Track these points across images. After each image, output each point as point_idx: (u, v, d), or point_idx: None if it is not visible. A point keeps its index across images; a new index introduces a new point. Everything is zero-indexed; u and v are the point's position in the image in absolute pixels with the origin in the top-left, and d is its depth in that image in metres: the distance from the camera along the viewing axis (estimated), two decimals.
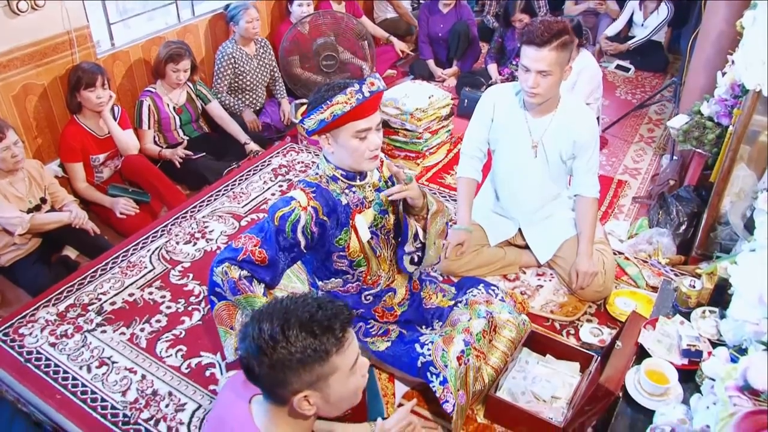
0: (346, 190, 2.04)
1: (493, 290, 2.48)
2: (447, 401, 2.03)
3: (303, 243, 1.98)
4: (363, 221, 2.07)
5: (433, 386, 2.05)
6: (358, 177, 2.05)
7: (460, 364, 2.07)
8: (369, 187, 2.10)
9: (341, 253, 2.08)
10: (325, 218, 1.98)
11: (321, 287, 2.20)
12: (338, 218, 2.02)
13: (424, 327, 2.32)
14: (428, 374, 2.07)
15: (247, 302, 1.97)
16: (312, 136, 1.96)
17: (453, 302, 2.40)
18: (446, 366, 2.05)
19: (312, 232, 1.97)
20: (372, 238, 2.11)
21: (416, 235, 2.15)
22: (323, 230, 2.00)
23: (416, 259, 2.20)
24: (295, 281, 2.75)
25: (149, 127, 3.72)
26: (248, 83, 4.27)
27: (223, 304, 2.04)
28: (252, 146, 3.96)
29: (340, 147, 1.95)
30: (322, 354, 1.32)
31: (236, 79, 4.22)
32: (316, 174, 2.05)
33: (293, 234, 1.94)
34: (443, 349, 2.09)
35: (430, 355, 2.09)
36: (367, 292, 2.21)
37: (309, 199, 1.95)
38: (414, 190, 2.01)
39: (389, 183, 2.19)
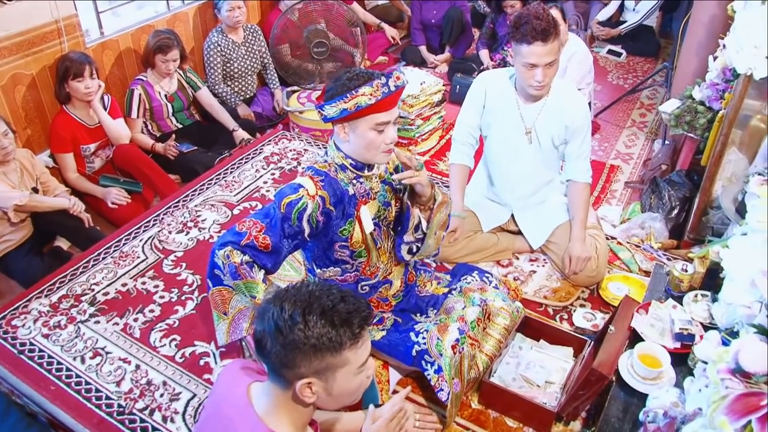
0: (354, 180, 2.03)
1: (487, 278, 2.49)
2: (442, 390, 2.04)
3: (307, 231, 1.97)
4: (367, 213, 2.07)
5: (428, 375, 2.06)
6: (366, 168, 2.04)
7: (454, 353, 2.08)
8: (376, 178, 2.09)
9: (343, 243, 2.08)
10: (331, 208, 1.97)
11: (319, 275, 2.19)
12: (344, 208, 2.02)
13: (418, 315, 2.32)
14: (423, 363, 2.08)
15: (247, 288, 1.96)
16: (328, 123, 1.95)
17: (447, 290, 2.40)
18: (441, 355, 2.06)
19: (317, 221, 1.96)
20: (374, 229, 2.11)
21: (417, 226, 2.14)
22: (328, 219, 2.00)
23: (414, 249, 2.20)
24: (288, 269, 2.75)
25: (138, 116, 3.69)
26: (236, 71, 4.24)
27: (217, 290, 2.03)
28: (240, 133, 3.94)
29: (356, 137, 1.93)
30: (336, 345, 1.33)
31: (224, 67, 4.20)
32: (325, 161, 2.03)
33: (299, 222, 1.93)
34: (438, 338, 2.09)
35: (425, 343, 2.09)
36: (364, 283, 2.21)
37: (317, 188, 1.94)
38: (424, 177, 2.01)
39: (394, 173, 2.18)
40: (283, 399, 1.42)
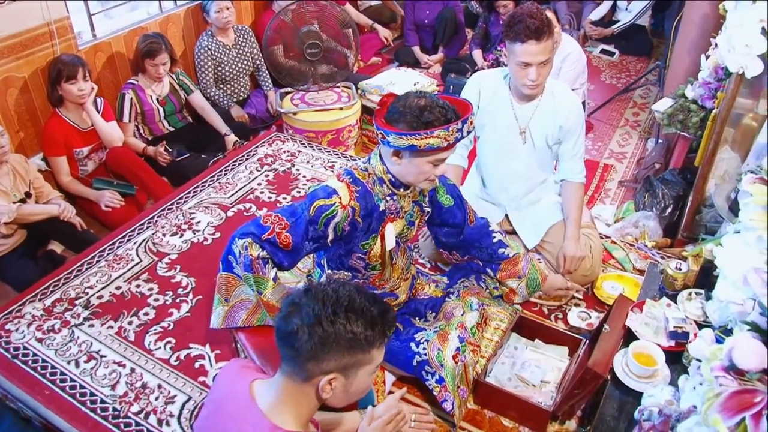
0: (388, 197, 2.02)
1: (484, 281, 2.49)
2: (446, 400, 2.04)
3: (331, 237, 1.95)
4: (392, 230, 2.06)
5: (430, 385, 2.06)
6: (404, 187, 2.03)
7: (456, 363, 2.08)
8: (409, 197, 2.09)
9: (361, 255, 2.08)
10: (359, 220, 1.96)
11: (328, 275, 2.19)
12: (371, 223, 2.00)
13: (417, 319, 2.32)
14: (424, 373, 2.08)
15: (256, 282, 1.95)
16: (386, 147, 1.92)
17: (445, 293, 2.41)
18: (442, 365, 2.06)
19: (343, 230, 1.95)
20: (394, 246, 2.11)
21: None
22: (353, 230, 1.98)
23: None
24: (284, 272, 2.74)
25: (130, 120, 3.68)
26: (228, 73, 4.24)
27: (225, 276, 1.99)
28: (232, 138, 3.94)
29: (411, 166, 1.91)
30: (369, 343, 1.40)
31: (216, 70, 4.19)
32: (365, 170, 2.00)
33: (324, 228, 1.92)
34: (438, 348, 2.09)
35: (425, 354, 2.09)
36: (346, 281, 2.20)
37: (351, 198, 1.92)
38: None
39: (428, 197, 2.20)
40: (293, 393, 1.43)
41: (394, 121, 1.84)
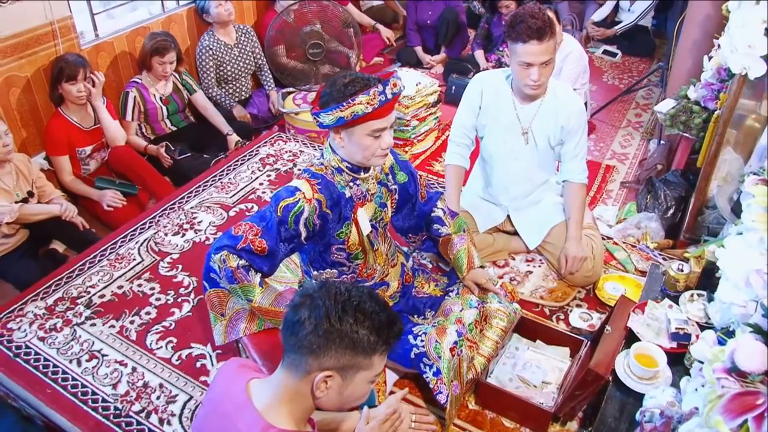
0: (350, 183, 2.03)
1: None
2: (440, 392, 2.04)
3: (304, 234, 1.97)
4: (364, 215, 2.07)
5: (427, 377, 2.06)
6: (363, 170, 2.04)
7: (453, 356, 2.08)
8: (372, 179, 2.09)
9: (340, 246, 2.08)
10: (328, 211, 1.97)
11: (315, 277, 2.19)
12: (341, 211, 2.01)
13: (416, 316, 2.32)
14: (421, 365, 2.08)
15: (243, 291, 1.96)
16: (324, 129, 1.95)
17: (444, 292, 2.41)
18: (439, 357, 2.06)
19: (314, 224, 1.96)
20: (371, 231, 2.11)
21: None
22: (324, 222, 2.00)
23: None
24: (284, 271, 2.74)
25: (133, 119, 3.68)
26: (230, 73, 4.23)
27: (215, 292, 2.03)
28: (234, 138, 3.94)
29: (352, 143, 1.93)
30: (372, 348, 1.39)
31: (218, 70, 4.19)
32: (321, 164, 2.02)
33: (295, 225, 1.93)
34: (436, 341, 2.09)
35: (423, 346, 2.09)
36: (361, 285, 2.20)
37: (314, 191, 1.94)
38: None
39: (390, 175, 2.20)
40: (290, 389, 1.43)
41: (325, 104, 1.87)
